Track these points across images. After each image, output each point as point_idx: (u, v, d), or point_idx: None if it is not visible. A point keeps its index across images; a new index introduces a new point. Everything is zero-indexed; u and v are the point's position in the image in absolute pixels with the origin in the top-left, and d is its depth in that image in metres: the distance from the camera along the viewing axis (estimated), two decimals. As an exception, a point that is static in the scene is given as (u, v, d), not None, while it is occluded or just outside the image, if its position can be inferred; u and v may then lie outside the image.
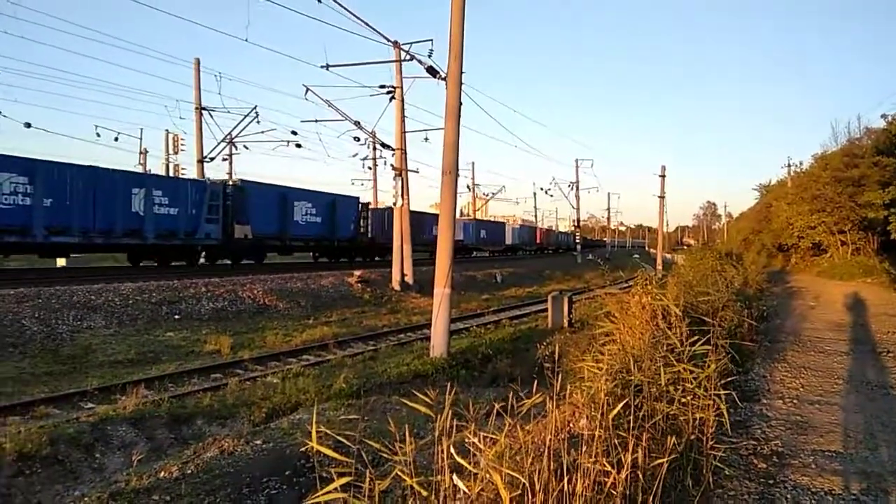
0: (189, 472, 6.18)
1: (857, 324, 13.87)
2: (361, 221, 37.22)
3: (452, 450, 2.58)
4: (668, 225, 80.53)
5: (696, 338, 5.00)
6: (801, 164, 49.08)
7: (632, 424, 3.48)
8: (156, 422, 8.68)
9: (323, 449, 2.60)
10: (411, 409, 7.17)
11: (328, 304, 22.04)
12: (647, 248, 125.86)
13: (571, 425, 3.90)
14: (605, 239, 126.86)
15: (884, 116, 31.91)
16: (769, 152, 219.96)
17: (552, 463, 2.73)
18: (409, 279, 26.87)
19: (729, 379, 5.52)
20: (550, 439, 2.80)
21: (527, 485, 2.61)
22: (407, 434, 2.58)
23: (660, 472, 3.31)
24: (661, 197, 50.33)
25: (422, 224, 41.19)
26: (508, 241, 64.28)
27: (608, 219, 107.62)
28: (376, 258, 38.90)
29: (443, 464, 2.58)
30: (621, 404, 3.48)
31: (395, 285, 26.41)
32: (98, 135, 35.46)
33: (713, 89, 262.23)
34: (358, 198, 37.32)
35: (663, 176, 49.67)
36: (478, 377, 12.56)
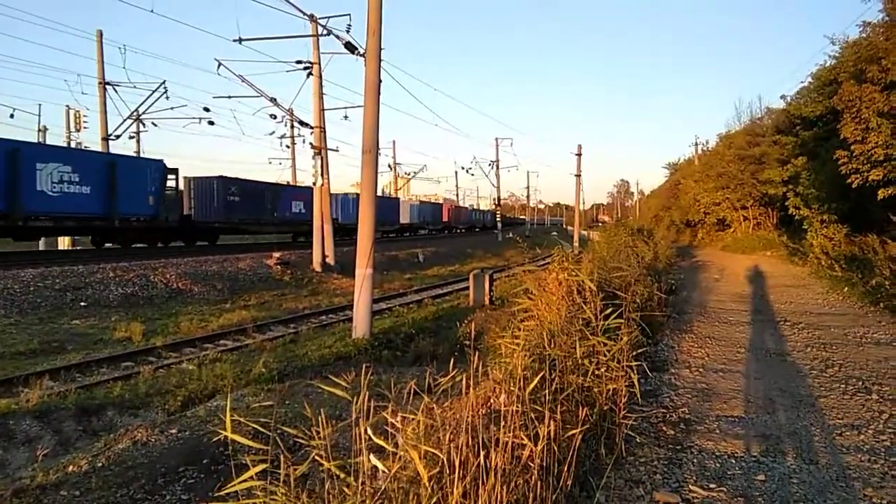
0: (100, 465, 5.93)
1: (757, 295, 14.76)
2: (169, 194, 28.26)
3: (370, 431, 2.58)
4: (584, 203, 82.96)
5: (609, 311, 5.18)
6: (707, 143, 51.49)
7: (548, 398, 3.57)
8: (62, 414, 8.26)
9: (237, 437, 2.54)
10: (333, 392, 7.13)
11: (246, 288, 21.50)
12: (564, 226, 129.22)
13: (492, 401, 3.97)
14: (524, 217, 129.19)
15: (783, 97, 33.80)
16: (679, 131, 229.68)
17: (470, 439, 2.78)
18: (330, 260, 26.54)
19: (640, 350, 5.76)
20: (468, 415, 2.84)
21: (445, 461, 2.64)
22: (323, 417, 2.55)
23: (573, 442, 3.42)
24: (578, 175, 51.60)
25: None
26: (404, 219, 56.95)
27: (527, 197, 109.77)
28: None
29: (361, 445, 2.57)
30: (537, 378, 3.56)
31: (317, 266, 26.03)
32: (-10, 111, 32.88)
33: (626, 69, 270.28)
34: (161, 161, 27.71)
35: (579, 155, 50.89)
36: (401, 357, 12.59)
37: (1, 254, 23.62)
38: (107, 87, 31.01)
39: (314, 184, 26.20)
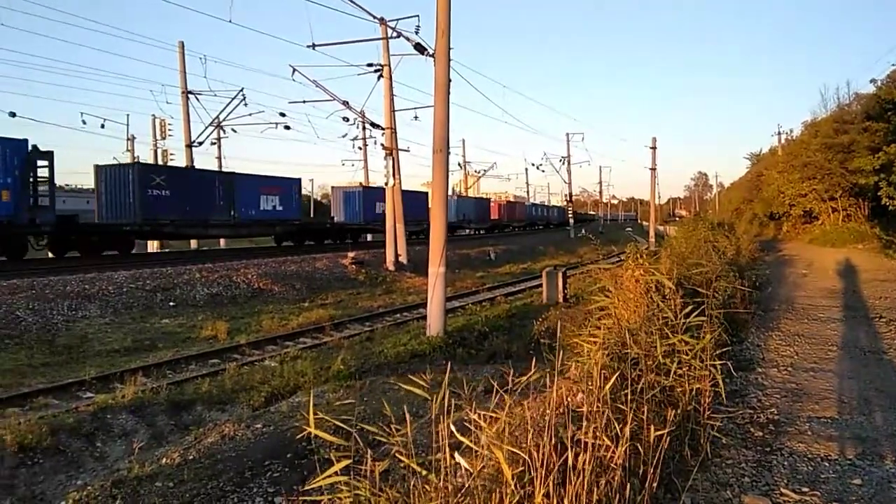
0: (191, 457, 6.22)
1: (849, 290, 13.98)
2: (41, 188, 20.97)
3: (453, 427, 2.59)
4: (659, 197, 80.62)
5: (690, 309, 5.02)
6: (791, 131, 49.14)
7: (629, 398, 3.50)
8: (155, 409, 8.70)
9: (320, 433, 2.61)
10: (410, 390, 7.22)
11: (323, 287, 22.03)
12: (639, 221, 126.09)
13: (568, 400, 3.92)
14: (594, 213, 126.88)
15: (873, 81, 31.83)
16: (760, 121, 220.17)
17: (553, 438, 2.75)
18: (403, 259, 26.87)
19: (724, 349, 5.56)
20: (551, 415, 2.82)
21: (528, 461, 2.62)
22: (406, 414, 2.59)
23: (659, 443, 3.34)
24: (653, 169, 50.34)
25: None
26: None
27: (600, 192, 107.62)
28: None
29: (442, 442, 2.59)
30: (615, 377, 3.49)
31: (390, 265, 26.41)
32: (84, 122, 35.05)
33: (704, 59, 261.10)
34: (25, 141, 20.38)
35: (654, 148, 49.63)
36: (475, 355, 12.61)
37: (98, 256, 25.13)
38: (189, 96, 32.49)
39: (386, 184, 26.60)
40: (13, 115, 29.39)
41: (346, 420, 2.67)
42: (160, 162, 37.47)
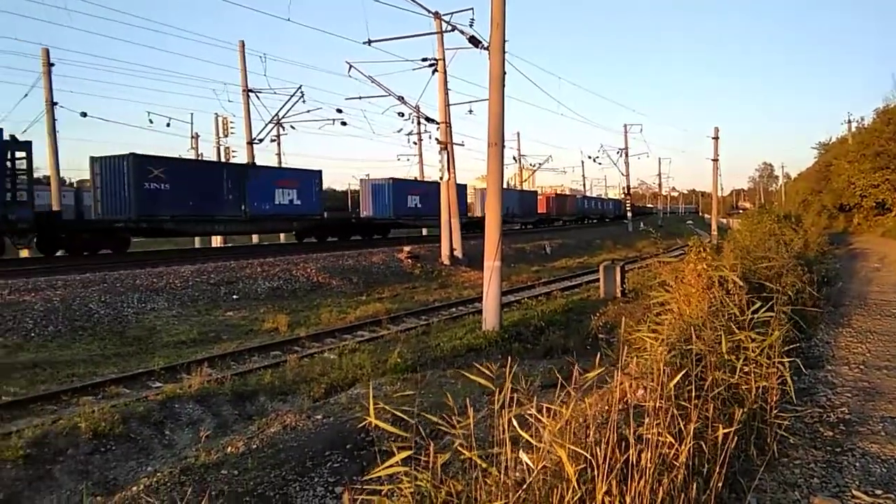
0: (255, 446, 6.40)
1: (927, 285, 13.27)
2: (21, 179, 19.63)
3: (515, 422, 2.59)
4: (722, 189, 78.11)
5: (758, 305, 4.87)
6: (862, 119, 46.84)
7: (693, 395, 3.42)
8: (220, 399, 8.99)
9: (381, 424, 2.65)
10: (466, 383, 7.22)
11: (380, 281, 22.30)
12: (700, 214, 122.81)
13: (628, 397, 3.86)
14: (653, 206, 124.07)
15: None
16: (829, 109, 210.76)
17: (616, 436, 2.72)
18: (458, 253, 26.93)
19: (792, 346, 5.37)
20: (615, 411, 2.78)
21: (590, 458, 2.60)
22: (468, 407, 2.60)
23: (725, 442, 3.26)
24: (715, 160, 48.93)
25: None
26: (476, 212, 45.48)
27: (659, 185, 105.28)
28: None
29: (503, 436, 2.59)
30: (681, 374, 3.42)
31: (445, 259, 26.52)
32: (151, 121, 36.15)
33: (767, 45, 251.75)
34: None
35: (716, 138, 48.21)
36: (531, 349, 12.55)
37: (164, 251, 26.11)
38: (250, 94, 33.27)
39: (441, 178, 26.69)
40: (84, 114, 30.72)
41: (407, 411, 2.70)
42: (223, 159, 38.57)
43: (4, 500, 6.11)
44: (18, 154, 19.70)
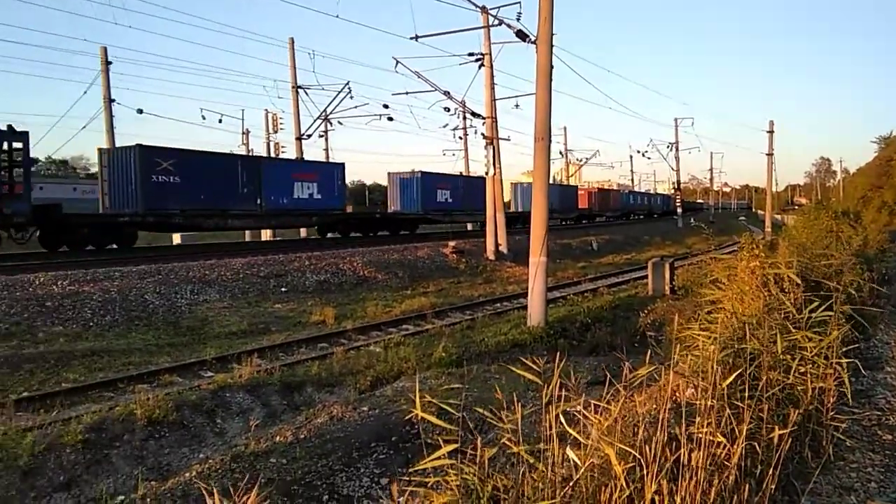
0: (302, 436, 6.51)
1: None
2: (16, 171, 18.86)
3: (562, 418, 2.57)
4: (777, 184, 75.56)
5: (815, 303, 4.71)
6: (928, 111, 44.73)
7: (746, 394, 3.33)
8: (269, 389, 9.17)
9: (428, 417, 2.66)
10: (511, 379, 7.19)
11: (425, 275, 22.40)
12: (753, 210, 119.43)
13: (677, 395, 3.80)
14: (702, 201, 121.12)
15: None
16: (890, 102, 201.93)
17: (665, 434, 2.67)
18: (503, 248, 26.84)
19: (850, 346, 5.18)
20: (665, 410, 2.73)
21: (639, 457, 2.56)
22: (515, 402, 2.59)
23: (779, 443, 3.17)
24: (769, 154, 47.51)
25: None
26: (511, 207, 44.98)
27: (710, 179, 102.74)
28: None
29: (551, 432, 2.57)
30: (735, 373, 3.34)
31: (490, 255, 26.47)
32: (203, 118, 37.06)
33: (826, 35, 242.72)
34: None
35: (771, 132, 46.80)
36: (577, 346, 12.44)
37: (217, 244, 26.76)
38: (299, 90, 33.79)
39: (486, 173, 26.62)
40: (140, 111, 31.77)
41: (453, 405, 2.70)
42: (272, 154, 39.27)
43: (65, 482, 6.35)
44: (15, 145, 18.97)
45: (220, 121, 38.28)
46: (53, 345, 11.84)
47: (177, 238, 31.24)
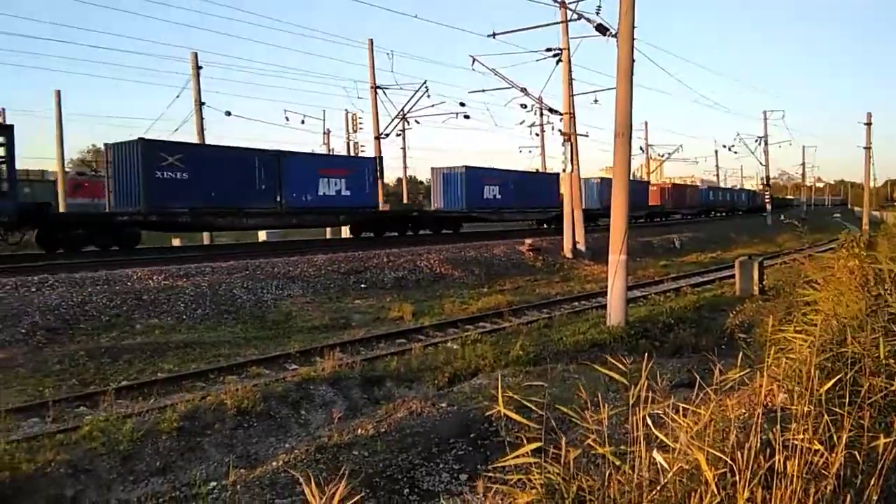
0: (383, 430, 6.64)
1: None
2: None
3: (649, 420, 2.52)
4: (875, 179, 70.91)
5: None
6: None
7: (846, 400, 3.16)
8: (350, 383, 9.40)
9: (511, 414, 2.66)
10: (590, 378, 7.08)
11: (501, 273, 22.35)
12: (849, 206, 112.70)
13: (770, 400, 3.64)
14: (792, 198, 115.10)
15: None
16: None
17: (759, 441, 2.57)
18: (581, 246, 26.45)
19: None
20: (758, 414, 2.63)
21: (731, 463, 2.47)
22: (601, 402, 2.55)
23: (883, 453, 2.99)
24: (867, 148, 44.75)
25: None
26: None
27: (802, 175, 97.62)
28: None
29: (637, 434, 2.52)
30: (835, 378, 3.18)
31: (567, 253, 26.14)
32: (287, 119, 38.34)
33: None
34: None
35: (869, 124, 44.05)
36: (659, 347, 12.11)
37: (298, 241, 27.62)
38: (377, 90, 34.39)
39: (563, 170, 26.29)
40: (228, 113, 33.06)
41: (537, 403, 2.69)
42: (352, 153, 40.16)
43: (161, 468, 6.72)
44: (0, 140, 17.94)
45: (303, 121, 39.47)
46: (150, 336, 12.56)
47: (262, 235, 32.25)
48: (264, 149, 25.01)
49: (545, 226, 39.58)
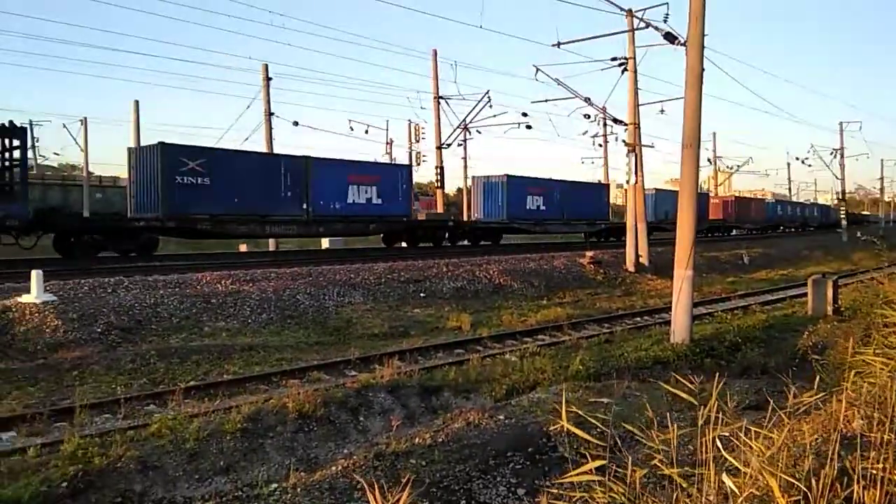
0: (440, 440, 6.64)
1: None
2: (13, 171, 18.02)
3: (719, 443, 2.44)
4: (964, 194, 66.81)
5: None
6: None
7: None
8: (408, 391, 9.44)
9: (575, 430, 2.61)
10: (653, 397, 6.90)
11: (561, 285, 22.12)
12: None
13: (845, 426, 3.47)
14: (869, 213, 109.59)
15: None
16: None
17: (834, 468, 2.45)
18: (644, 260, 25.93)
19: None
20: (835, 441, 2.51)
21: (806, 491, 2.37)
22: (670, 421, 2.49)
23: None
24: (956, 162, 42.24)
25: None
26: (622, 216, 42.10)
27: (881, 189, 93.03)
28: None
29: (706, 455, 2.44)
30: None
31: (630, 266, 25.65)
32: (351, 129, 39.16)
33: None
34: None
35: (958, 136, 41.64)
36: (725, 367, 11.69)
37: (359, 249, 28.06)
38: (440, 100, 34.69)
39: (627, 182, 25.85)
40: (296, 123, 34.02)
41: (601, 419, 2.64)
42: (414, 164, 40.59)
43: (224, 467, 6.90)
44: (14, 141, 17.88)
45: (367, 131, 40.23)
46: (217, 339, 12.97)
47: (325, 243, 32.56)
48: (290, 154, 24.82)
49: (593, 239, 38.19)
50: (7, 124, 17.85)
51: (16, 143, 17.78)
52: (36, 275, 12.90)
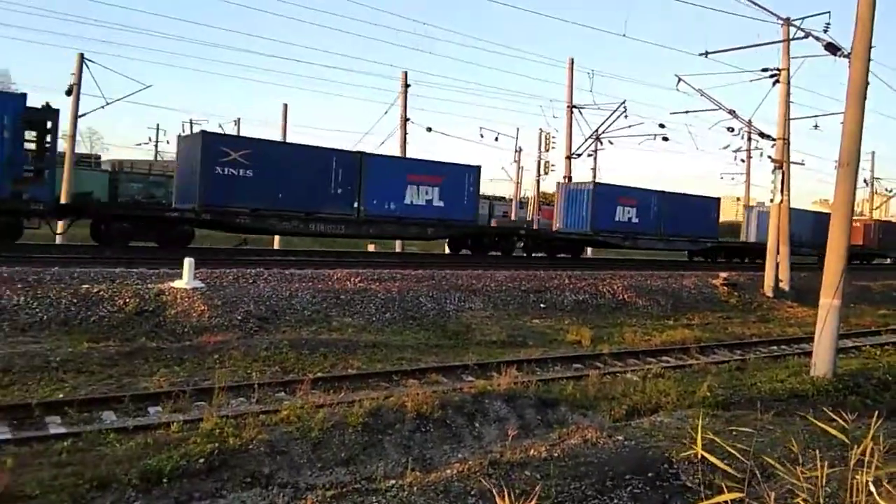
0: (555, 455, 6.52)
1: None
2: (45, 151, 17.59)
3: (872, 487, 2.22)
4: None
5: None
6: None
7: None
8: (524, 402, 9.35)
9: (712, 458, 2.47)
10: (784, 431, 6.43)
11: (689, 306, 21.13)
12: None
13: None
14: None
15: None
16: None
17: None
18: (784, 285, 24.20)
19: None
20: None
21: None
22: (818, 459, 2.29)
23: None
24: None
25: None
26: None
27: None
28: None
29: (857, 498, 2.23)
30: None
31: (768, 291, 24.03)
32: (482, 136, 39.69)
33: None
34: (23, 95, 17.75)
35: None
36: (871, 406, 10.66)
37: (486, 256, 28.24)
38: (573, 109, 34.25)
39: (772, 200, 24.27)
40: (429, 129, 35.01)
41: (740, 450, 2.48)
42: (542, 173, 40.35)
43: (345, 459, 7.15)
44: (48, 121, 17.48)
45: (497, 139, 40.62)
46: (343, 334, 13.52)
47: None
48: (343, 149, 23.59)
49: (697, 258, 35.64)
50: (44, 106, 17.60)
51: (49, 125, 17.53)
52: (188, 262, 14.07)
